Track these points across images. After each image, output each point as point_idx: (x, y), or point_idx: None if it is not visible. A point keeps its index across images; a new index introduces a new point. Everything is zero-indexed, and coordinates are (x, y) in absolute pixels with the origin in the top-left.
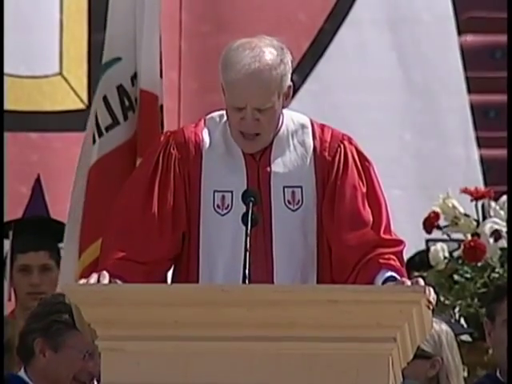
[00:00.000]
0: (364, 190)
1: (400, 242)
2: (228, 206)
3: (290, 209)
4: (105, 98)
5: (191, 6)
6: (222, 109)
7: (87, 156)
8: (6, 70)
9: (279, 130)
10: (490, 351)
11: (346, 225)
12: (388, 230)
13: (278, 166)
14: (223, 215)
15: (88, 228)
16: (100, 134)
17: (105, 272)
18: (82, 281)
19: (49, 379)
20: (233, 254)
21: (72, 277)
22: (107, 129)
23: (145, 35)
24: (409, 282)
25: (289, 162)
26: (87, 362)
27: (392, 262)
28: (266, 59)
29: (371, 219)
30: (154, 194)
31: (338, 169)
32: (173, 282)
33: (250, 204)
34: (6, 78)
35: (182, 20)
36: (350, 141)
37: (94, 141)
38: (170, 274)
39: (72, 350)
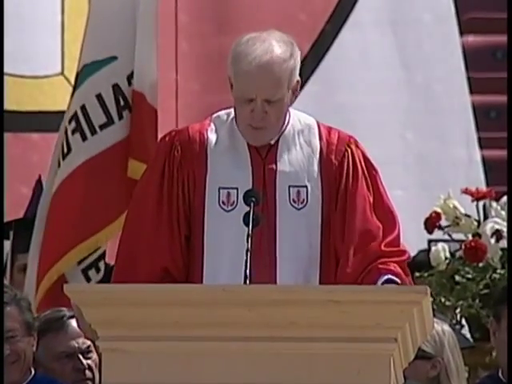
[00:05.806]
0: (371, 200)
1: (403, 253)
2: (233, 202)
3: (294, 208)
4: (99, 96)
5: (191, 7)
6: (224, 108)
7: (75, 154)
8: (8, 69)
9: (285, 128)
10: (492, 352)
11: (355, 239)
12: (396, 241)
13: (283, 165)
14: (228, 211)
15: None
16: (93, 132)
17: None
18: None
19: None
20: (237, 252)
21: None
22: (101, 127)
23: (139, 36)
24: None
25: (295, 160)
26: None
27: (391, 268)
28: (277, 52)
29: (380, 234)
30: (164, 212)
31: (347, 177)
32: None
33: (252, 204)
34: (7, 78)
35: (182, 21)
36: (357, 144)
37: (85, 138)
38: None
39: None
